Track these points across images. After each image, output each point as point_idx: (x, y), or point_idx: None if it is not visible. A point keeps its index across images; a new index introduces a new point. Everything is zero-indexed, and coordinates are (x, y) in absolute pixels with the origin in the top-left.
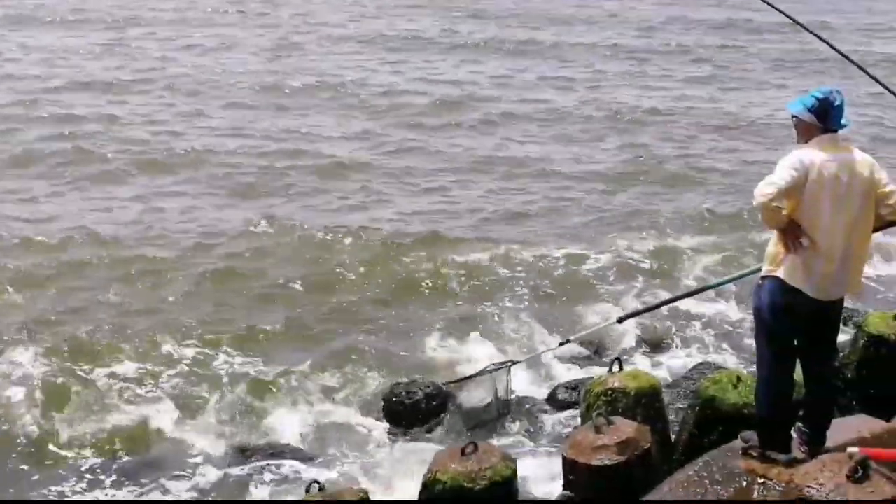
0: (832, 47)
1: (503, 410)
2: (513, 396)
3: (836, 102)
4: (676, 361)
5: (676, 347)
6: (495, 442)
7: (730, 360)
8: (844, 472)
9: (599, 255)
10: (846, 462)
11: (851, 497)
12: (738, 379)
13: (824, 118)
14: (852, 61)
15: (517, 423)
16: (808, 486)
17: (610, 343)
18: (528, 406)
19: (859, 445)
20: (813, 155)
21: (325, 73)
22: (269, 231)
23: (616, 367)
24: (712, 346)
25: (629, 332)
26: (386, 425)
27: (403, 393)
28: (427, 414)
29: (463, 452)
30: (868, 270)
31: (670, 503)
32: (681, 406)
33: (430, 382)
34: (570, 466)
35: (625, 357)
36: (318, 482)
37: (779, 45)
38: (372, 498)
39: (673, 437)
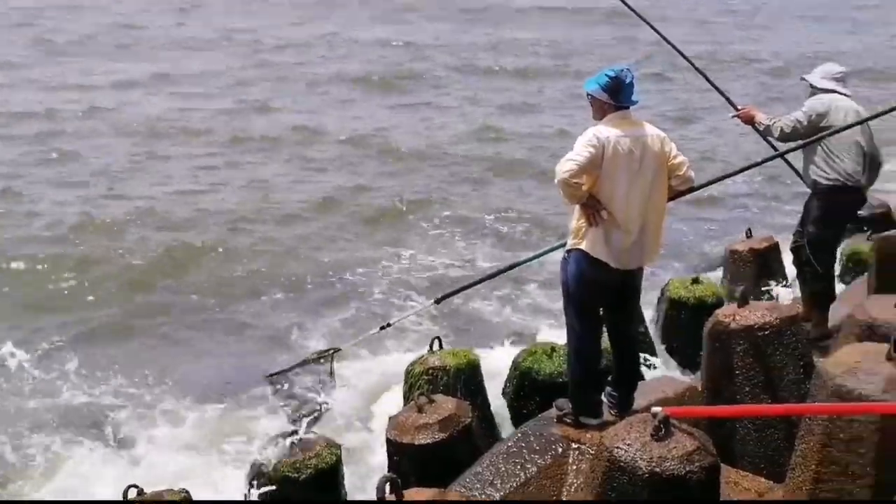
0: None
1: (327, 397)
2: (336, 383)
3: (628, 80)
4: (494, 336)
5: (494, 322)
6: (320, 429)
7: (544, 331)
8: (649, 431)
9: (413, 240)
10: (650, 421)
11: (655, 454)
12: (553, 349)
13: (616, 95)
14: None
15: (342, 409)
16: (617, 447)
17: (430, 324)
18: (352, 391)
19: (663, 405)
20: (608, 131)
21: None
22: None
23: (436, 346)
24: (527, 318)
25: (448, 312)
26: (210, 419)
27: (229, 384)
28: (252, 406)
29: (289, 445)
30: (669, 238)
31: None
32: (500, 379)
33: (252, 376)
34: (394, 447)
35: (444, 335)
36: (136, 485)
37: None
38: (194, 497)
39: (494, 410)
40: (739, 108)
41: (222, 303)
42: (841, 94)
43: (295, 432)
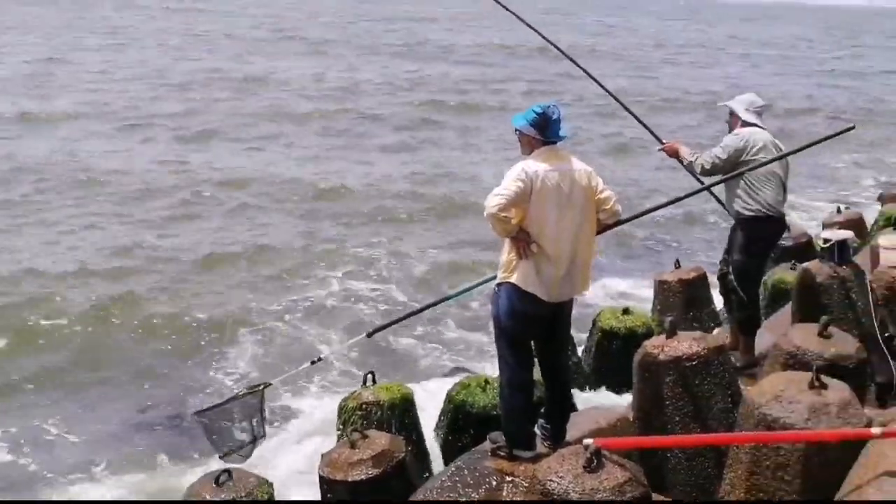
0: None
1: (258, 434)
2: (268, 419)
3: (555, 116)
4: (428, 369)
5: (427, 356)
6: (252, 467)
7: (477, 364)
8: (581, 463)
9: (345, 275)
10: (583, 453)
11: (588, 486)
12: (486, 382)
13: (544, 131)
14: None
15: (274, 446)
16: (550, 480)
17: (363, 358)
18: (284, 427)
19: (596, 436)
20: (536, 166)
21: None
22: None
23: (369, 381)
24: (460, 352)
25: (381, 346)
26: (138, 456)
27: (157, 422)
28: (179, 446)
29: (217, 481)
30: (600, 269)
31: None
32: (434, 413)
33: (181, 413)
34: (327, 484)
35: (378, 369)
36: (228, 470)
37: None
38: None
39: (428, 445)
40: (664, 142)
41: (146, 343)
42: (759, 127)
43: (227, 471)
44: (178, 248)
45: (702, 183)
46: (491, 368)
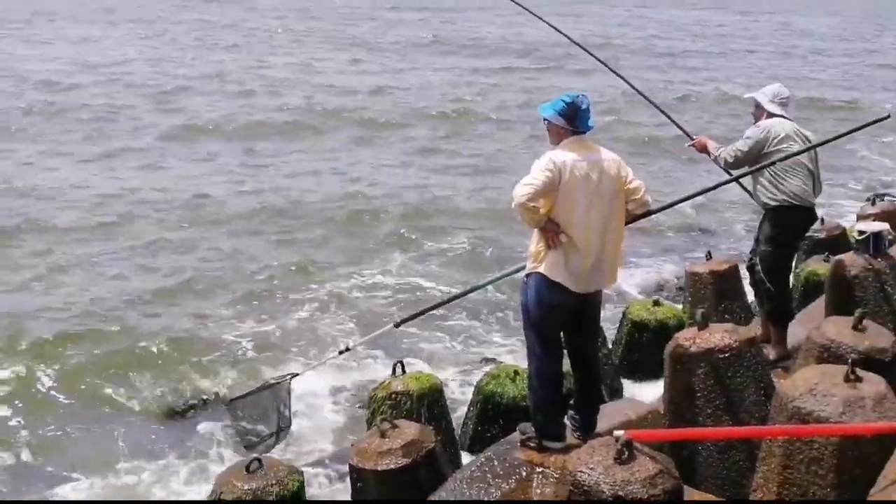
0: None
1: (285, 424)
2: (295, 409)
3: (583, 106)
4: (457, 359)
5: (456, 346)
6: (281, 456)
7: (506, 355)
8: (612, 455)
9: (374, 266)
10: (613, 445)
11: (619, 477)
12: (516, 373)
13: (573, 121)
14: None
15: (304, 435)
16: (580, 471)
17: (391, 348)
18: (313, 417)
19: (626, 428)
20: (564, 156)
21: None
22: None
23: (399, 371)
24: (490, 342)
25: (410, 336)
26: (170, 445)
27: (187, 413)
28: (211, 432)
29: (248, 469)
30: (630, 260)
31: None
32: (464, 403)
33: (211, 401)
34: (357, 473)
35: (406, 359)
36: (259, 459)
37: None
38: None
39: (458, 435)
40: (694, 137)
41: (176, 332)
42: (784, 117)
43: (257, 459)
44: (198, 241)
45: (730, 175)
46: (520, 359)
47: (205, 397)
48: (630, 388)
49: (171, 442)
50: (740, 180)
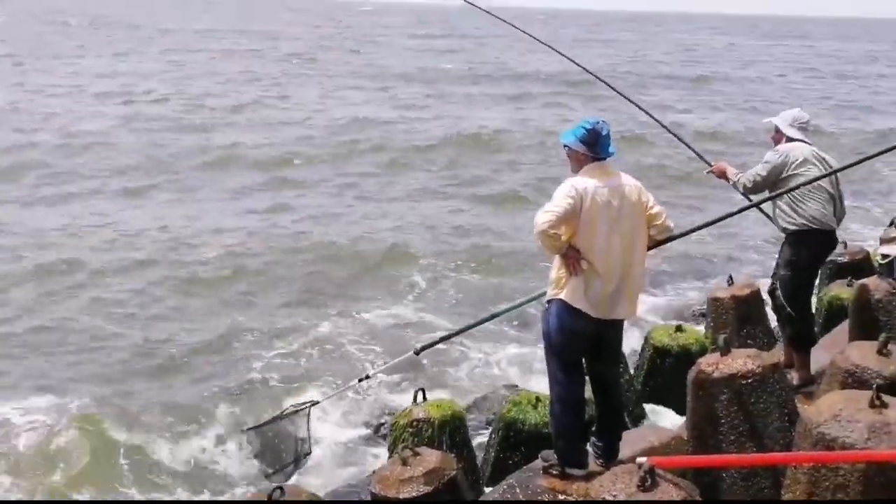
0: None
1: (305, 452)
2: (315, 437)
3: (604, 132)
4: (478, 386)
5: (477, 373)
6: (301, 483)
7: (528, 381)
8: (635, 482)
9: (393, 294)
10: (636, 472)
11: None
12: (537, 399)
13: (594, 147)
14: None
15: (325, 463)
16: (603, 498)
17: (412, 375)
18: (334, 444)
19: (649, 454)
20: (586, 182)
21: None
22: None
23: (420, 398)
24: (510, 369)
25: (430, 363)
26: (187, 472)
27: (206, 441)
28: (230, 461)
29: (270, 498)
30: (651, 286)
31: None
32: (485, 430)
33: (230, 429)
34: (378, 502)
35: (427, 387)
36: (281, 487)
37: None
38: None
39: (479, 462)
40: (712, 164)
41: (195, 357)
42: (803, 142)
43: (279, 488)
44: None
45: (750, 200)
46: (542, 386)
47: (225, 425)
48: (653, 414)
49: (190, 470)
50: (761, 206)
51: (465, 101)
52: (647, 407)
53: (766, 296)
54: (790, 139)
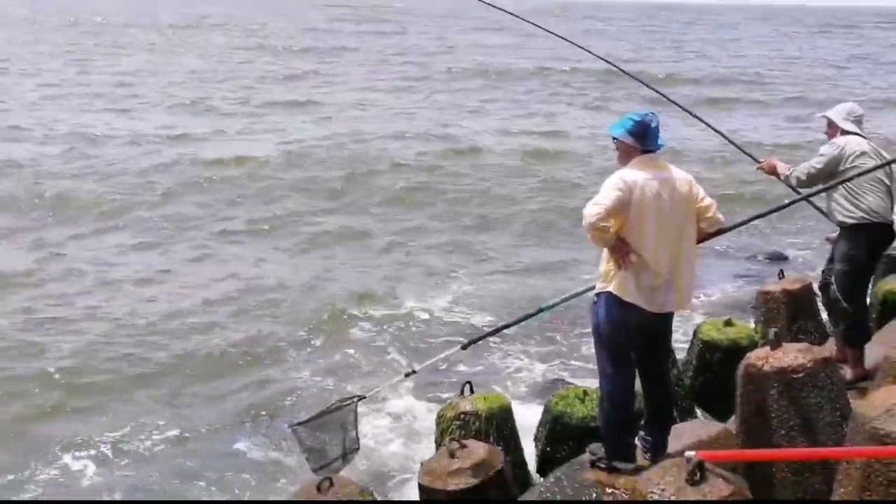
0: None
1: (352, 446)
2: (362, 431)
3: (653, 124)
4: (525, 380)
5: (524, 367)
6: (349, 476)
7: (575, 375)
8: (683, 476)
9: (438, 284)
10: (685, 466)
11: (691, 498)
12: (585, 393)
13: (643, 139)
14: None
15: (373, 455)
16: (651, 492)
17: (459, 369)
18: (381, 438)
19: (697, 448)
20: (635, 175)
21: None
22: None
23: (467, 391)
24: (558, 363)
25: (477, 356)
26: (239, 467)
27: (256, 434)
28: (279, 455)
29: (319, 489)
30: (700, 280)
31: None
32: (532, 424)
33: (278, 425)
34: (426, 493)
35: (475, 380)
36: (329, 478)
37: None
38: None
39: (527, 455)
40: (761, 160)
41: (241, 355)
42: (858, 135)
43: (328, 479)
44: (262, 266)
45: (799, 193)
46: (589, 380)
47: (272, 422)
48: (701, 408)
49: (237, 466)
50: (812, 200)
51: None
52: (696, 402)
53: (817, 290)
54: (845, 132)
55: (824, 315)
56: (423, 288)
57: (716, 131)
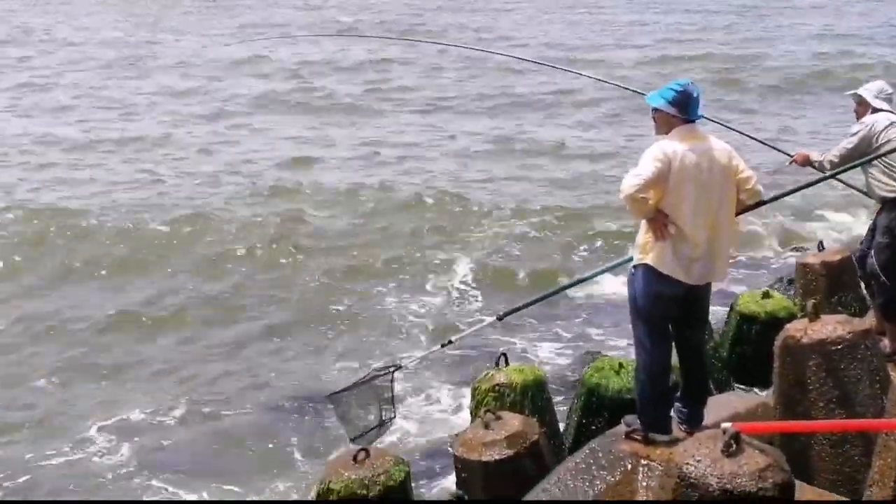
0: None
1: (389, 416)
2: (399, 401)
3: (695, 94)
4: (560, 352)
5: (559, 339)
6: (385, 446)
7: (610, 347)
8: (719, 447)
9: (474, 255)
10: (721, 437)
11: (727, 470)
12: (620, 365)
13: (684, 109)
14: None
15: (408, 426)
16: (687, 464)
17: (494, 340)
18: (417, 408)
19: (734, 420)
20: (674, 145)
21: None
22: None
23: (502, 363)
24: (593, 335)
25: (512, 328)
26: (276, 437)
27: (293, 403)
28: (316, 424)
29: (355, 459)
30: (738, 252)
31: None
32: (567, 396)
33: (315, 394)
34: (461, 464)
35: (509, 352)
36: (366, 449)
37: None
38: None
39: (561, 427)
40: (792, 154)
41: (279, 327)
42: (890, 112)
43: (364, 449)
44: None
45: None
46: (625, 352)
47: (309, 391)
48: (738, 381)
49: (275, 437)
50: (839, 177)
51: None
52: (733, 374)
53: (855, 263)
54: (875, 110)
55: (864, 288)
56: (461, 258)
57: (744, 134)
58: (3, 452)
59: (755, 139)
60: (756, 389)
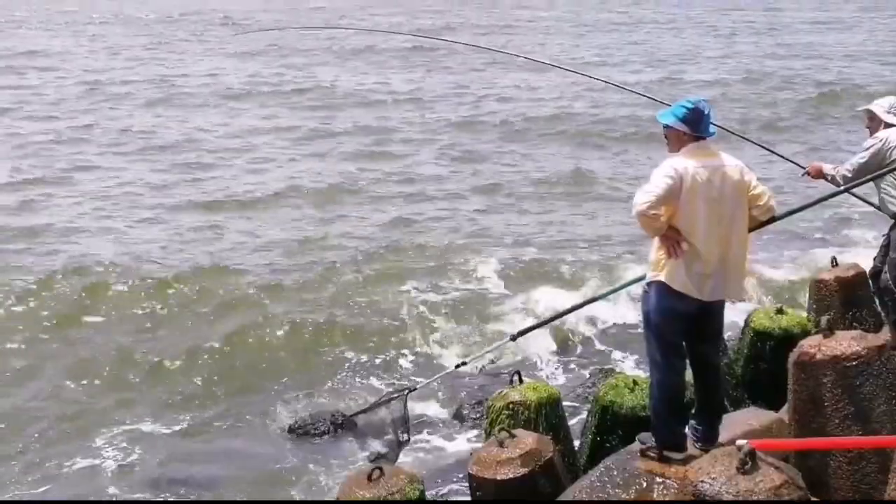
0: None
1: (403, 438)
2: (413, 421)
3: (706, 111)
4: (574, 370)
5: (573, 357)
6: (399, 466)
7: (625, 364)
8: (735, 465)
9: (488, 274)
10: (736, 454)
11: (742, 487)
12: (634, 382)
13: (696, 126)
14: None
15: (423, 445)
16: (702, 481)
17: (508, 359)
18: (431, 427)
19: (749, 437)
20: (686, 162)
21: None
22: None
23: (516, 381)
24: (607, 352)
25: (526, 347)
26: (291, 457)
27: (308, 425)
28: (330, 446)
29: (369, 478)
30: (751, 268)
31: None
32: (581, 413)
33: (332, 413)
34: (476, 482)
35: (524, 370)
36: (380, 467)
37: None
38: None
39: (576, 445)
40: (805, 166)
41: (293, 347)
42: None
43: (379, 468)
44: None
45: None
46: (639, 370)
47: (324, 414)
48: (753, 397)
49: (290, 453)
50: (853, 192)
51: None
52: (747, 391)
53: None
54: (888, 125)
55: (878, 303)
56: (472, 278)
57: (757, 144)
58: (12, 463)
59: (769, 150)
60: (771, 406)
